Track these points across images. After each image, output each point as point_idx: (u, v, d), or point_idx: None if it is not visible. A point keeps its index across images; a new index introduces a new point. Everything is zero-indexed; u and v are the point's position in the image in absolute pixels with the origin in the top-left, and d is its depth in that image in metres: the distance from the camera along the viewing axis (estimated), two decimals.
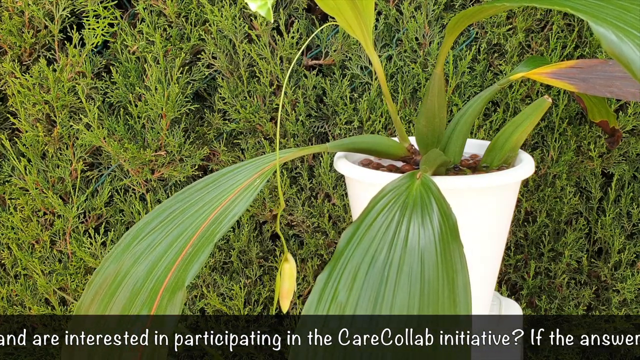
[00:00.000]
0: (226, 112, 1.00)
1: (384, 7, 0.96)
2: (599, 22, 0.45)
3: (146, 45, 0.96)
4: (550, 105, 0.82)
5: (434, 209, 0.52)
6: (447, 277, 0.48)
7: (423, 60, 0.96)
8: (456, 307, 0.47)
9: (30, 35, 0.96)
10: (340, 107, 0.96)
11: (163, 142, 0.98)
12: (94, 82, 0.98)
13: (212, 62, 0.97)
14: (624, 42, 0.43)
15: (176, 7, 0.96)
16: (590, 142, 0.98)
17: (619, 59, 0.43)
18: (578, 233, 1.00)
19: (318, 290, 0.49)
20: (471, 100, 0.72)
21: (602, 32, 0.44)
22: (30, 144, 0.99)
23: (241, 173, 0.65)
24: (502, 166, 0.73)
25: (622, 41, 0.43)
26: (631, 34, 0.44)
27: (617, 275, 1.01)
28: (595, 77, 0.66)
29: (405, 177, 0.55)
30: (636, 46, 0.43)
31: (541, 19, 0.96)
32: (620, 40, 0.43)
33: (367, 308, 0.48)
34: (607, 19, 0.47)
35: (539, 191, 0.99)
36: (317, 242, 1.00)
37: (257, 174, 0.65)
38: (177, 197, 0.64)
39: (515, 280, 1.04)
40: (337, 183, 0.98)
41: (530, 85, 0.96)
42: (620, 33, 0.44)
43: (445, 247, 0.50)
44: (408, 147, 0.74)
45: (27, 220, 1.01)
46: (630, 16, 0.48)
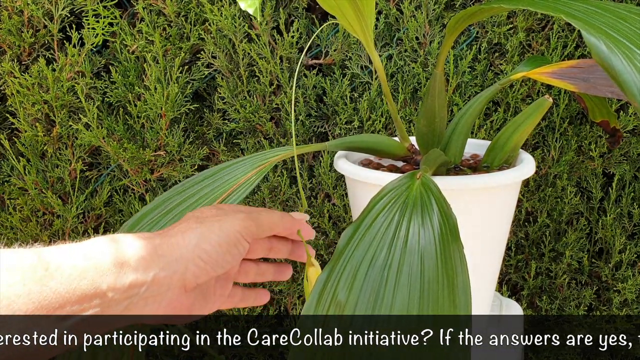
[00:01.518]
0: (226, 112, 1.00)
1: (384, 6, 0.96)
2: (591, 30, 0.44)
3: (145, 45, 0.95)
4: (551, 105, 0.82)
5: (434, 209, 0.52)
6: (447, 277, 0.48)
7: (423, 60, 0.96)
8: (456, 307, 0.47)
9: (30, 34, 0.96)
10: (340, 107, 0.96)
11: (162, 142, 0.97)
12: (93, 82, 0.98)
13: (212, 61, 0.97)
14: (614, 52, 0.43)
15: (176, 7, 0.95)
16: (591, 142, 0.97)
17: (608, 71, 0.43)
18: (579, 233, 1.00)
19: (317, 290, 0.49)
20: (472, 100, 0.72)
21: (593, 42, 0.44)
22: (30, 143, 0.99)
23: (239, 168, 0.66)
24: (502, 166, 0.73)
25: (611, 52, 0.43)
26: (622, 44, 0.44)
27: (618, 275, 1.00)
28: (596, 77, 0.65)
29: (406, 177, 0.55)
30: (626, 58, 0.43)
31: (542, 18, 0.96)
32: (610, 50, 0.43)
33: (366, 308, 0.47)
34: (600, 28, 0.46)
35: (539, 191, 0.99)
36: (317, 242, 1.00)
37: (256, 170, 0.65)
38: (176, 189, 0.65)
39: (516, 281, 1.04)
40: (337, 183, 0.98)
41: (531, 84, 0.96)
42: (611, 43, 0.43)
43: (446, 248, 0.49)
44: (408, 146, 0.73)
45: (27, 221, 1.01)
46: (625, 25, 0.48)
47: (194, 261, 0.48)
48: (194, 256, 0.48)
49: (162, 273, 0.46)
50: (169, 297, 0.47)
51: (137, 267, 0.45)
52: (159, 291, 0.46)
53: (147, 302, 0.46)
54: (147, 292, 0.45)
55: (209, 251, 0.48)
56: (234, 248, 0.50)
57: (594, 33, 0.44)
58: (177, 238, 0.48)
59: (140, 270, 0.45)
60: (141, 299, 0.45)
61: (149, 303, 0.46)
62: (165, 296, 0.47)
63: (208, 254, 0.48)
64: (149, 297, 0.46)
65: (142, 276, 0.45)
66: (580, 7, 0.50)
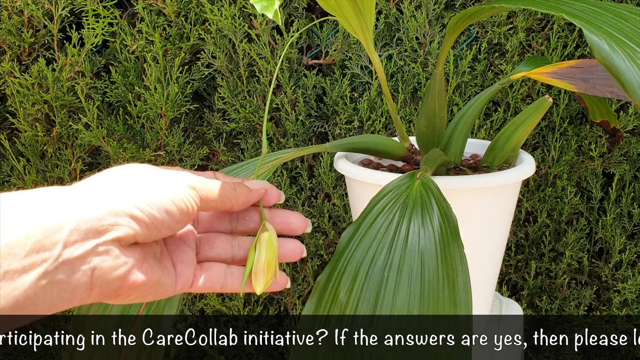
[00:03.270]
0: (226, 112, 1.00)
1: (384, 6, 0.96)
2: (593, 29, 0.44)
3: (145, 45, 0.95)
4: (551, 105, 0.82)
5: (434, 209, 0.52)
6: (447, 277, 0.48)
7: (423, 60, 0.96)
8: (457, 307, 0.47)
9: (30, 34, 0.96)
10: (340, 107, 0.96)
11: (162, 142, 0.97)
12: (93, 82, 0.98)
13: (212, 61, 0.97)
14: (616, 52, 0.43)
15: (176, 7, 0.95)
16: (591, 142, 0.97)
17: (610, 69, 0.42)
18: (579, 233, 1.00)
19: (318, 290, 0.49)
20: (472, 100, 0.72)
21: (595, 41, 0.43)
22: (30, 143, 0.99)
23: (241, 173, 0.65)
24: (502, 166, 0.73)
25: (614, 51, 0.43)
26: (624, 44, 0.44)
27: (618, 275, 1.00)
28: (596, 77, 0.65)
29: (406, 177, 0.55)
30: (628, 57, 0.43)
31: (542, 18, 0.96)
32: (612, 49, 0.43)
33: (367, 308, 0.47)
34: (602, 27, 0.46)
35: (539, 191, 0.99)
36: (317, 242, 1.00)
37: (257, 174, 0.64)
38: None
39: (516, 281, 1.04)
40: (337, 183, 0.98)
41: (531, 84, 0.96)
42: (613, 42, 0.43)
43: (446, 248, 0.49)
44: (408, 147, 0.73)
45: None
46: (626, 25, 0.48)
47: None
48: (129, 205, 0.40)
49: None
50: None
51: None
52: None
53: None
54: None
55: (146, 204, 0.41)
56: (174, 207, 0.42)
57: (596, 32, 0.44)
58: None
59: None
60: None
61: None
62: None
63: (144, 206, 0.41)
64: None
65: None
66: (581, 7, 0.50)
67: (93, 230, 0.39)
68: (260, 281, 0.47)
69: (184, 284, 0.45)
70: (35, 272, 0.36)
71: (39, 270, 0.36)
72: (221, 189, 0.46)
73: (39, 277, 0.36)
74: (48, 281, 0.37)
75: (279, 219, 0.49)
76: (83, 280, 0.38)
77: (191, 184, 0.44)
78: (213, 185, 0.45)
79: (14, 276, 0.36)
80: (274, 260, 0.47)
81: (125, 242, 0.40)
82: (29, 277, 0.36)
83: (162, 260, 0.44)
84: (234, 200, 0.47)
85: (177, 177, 0.44)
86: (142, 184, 0.42)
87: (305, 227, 0.49)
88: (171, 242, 0.46)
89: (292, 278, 1.02)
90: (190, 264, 0.46)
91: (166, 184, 0.42)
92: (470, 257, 0.49)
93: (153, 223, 0.41)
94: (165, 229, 0.42)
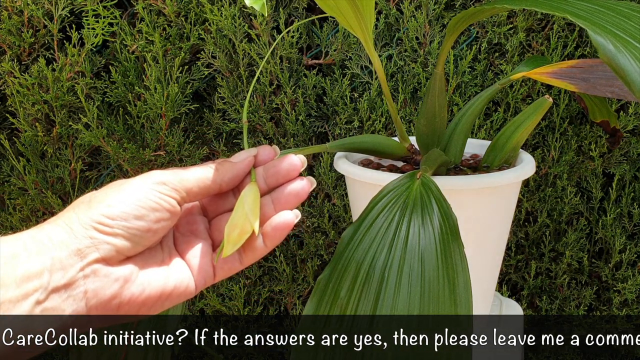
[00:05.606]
0: (226, 112, 1.00)
1: (384, 6, 0.96)
2: (597, 30, 0.44)
3: (145, 45, 0.95)
4: (551, 105, 0.82)
5: (434, 209, 0.52)
6: (447, 277, 0.48)
7: (423, 60, 0.96)
8: (457, 307, 0.47)
9: (30, 34, 0.96)
10: (340, 107, 0.96)
11: (162, 142, 0.97)
12: (93, 82, 0.98)
13: (212, 61, 0.97)
14: (621, 52, 0.43)
15: (175, 7, 0.95)
16: (591, 142, 0.97)
17: (615, 70, 0.42)
18: (579, 233, 1.00)
19: (319, 290, 0.49)
20: (472, 100, 0.72)
21: (600, 41, 0.43)
22: (29, 143, 0.99)
23: None
24: (502, 166, 0.73)
25: (619, 51, 0.43)
26: (630, 44, 0.44)
27: (618, 275, 1.00)
28: (596, 77, 0.65)
29: (406, 177, 0.55)
30: (633, 57, 0.43)
31: (542, 18, 0.96)
32: (617, 50, 0.43)
33: (368, 309, 0.47)
34: (606, 27, 0.46)
35: (539, 191, 0.99)
36: (317, 242, 1.00)
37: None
38: None
39: (516, 281, 1.04)
40: (337, 183, 0.98)
41: (531, 84, 0.96)
42: (618, 43, 0.43)
43: (446, 247, 0.49)
44: (408, 147, 0.73)
45: (26, 221, 1.01)
46: (630, 24, 0.47)
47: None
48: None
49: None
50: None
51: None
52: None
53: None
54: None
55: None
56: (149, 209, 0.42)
57: (601, 33, 0.44)
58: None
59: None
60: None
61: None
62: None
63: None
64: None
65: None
66: (583, 7, 0.50)
67: (74, 256, 0.39)
68: (236, 234, 0.44)
69: (206, 278, 0.45)
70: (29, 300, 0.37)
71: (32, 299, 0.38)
72: (197, 173, 0.44)
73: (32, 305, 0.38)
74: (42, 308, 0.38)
75: (271, 171, 0.48)
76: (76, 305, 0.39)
77: (160, 180, 0.43)
78: (186, 173, 0.44)
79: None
80: (255, 210, 0.45)
81: (112, 260, 0.40)
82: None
83: (168, 263, 0.44)
84: (219, 180, 0.45)
85: (143, 179, 0.43)
86: (107, 198, 0.42)
87: (300, 165, 0.47)
88: (180, 240, 0.46)
89: (292, 278, 1.02)
90: (206, 256, 0.45)
91: (129, 190, 0.42)
92: (470, 257, 0.49)
93: (129, 232, 0.41)
94: (146, 232, 0.42)
